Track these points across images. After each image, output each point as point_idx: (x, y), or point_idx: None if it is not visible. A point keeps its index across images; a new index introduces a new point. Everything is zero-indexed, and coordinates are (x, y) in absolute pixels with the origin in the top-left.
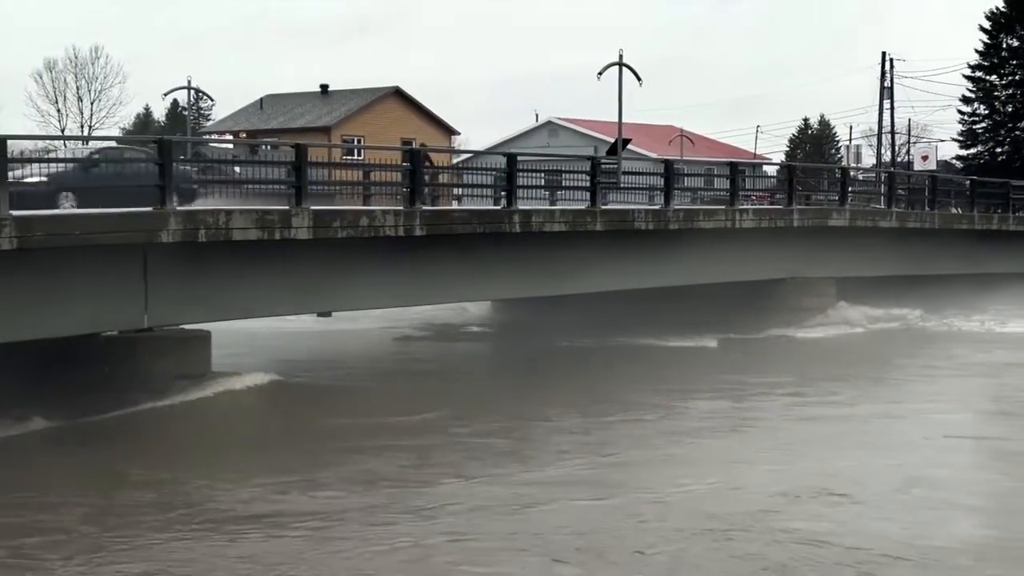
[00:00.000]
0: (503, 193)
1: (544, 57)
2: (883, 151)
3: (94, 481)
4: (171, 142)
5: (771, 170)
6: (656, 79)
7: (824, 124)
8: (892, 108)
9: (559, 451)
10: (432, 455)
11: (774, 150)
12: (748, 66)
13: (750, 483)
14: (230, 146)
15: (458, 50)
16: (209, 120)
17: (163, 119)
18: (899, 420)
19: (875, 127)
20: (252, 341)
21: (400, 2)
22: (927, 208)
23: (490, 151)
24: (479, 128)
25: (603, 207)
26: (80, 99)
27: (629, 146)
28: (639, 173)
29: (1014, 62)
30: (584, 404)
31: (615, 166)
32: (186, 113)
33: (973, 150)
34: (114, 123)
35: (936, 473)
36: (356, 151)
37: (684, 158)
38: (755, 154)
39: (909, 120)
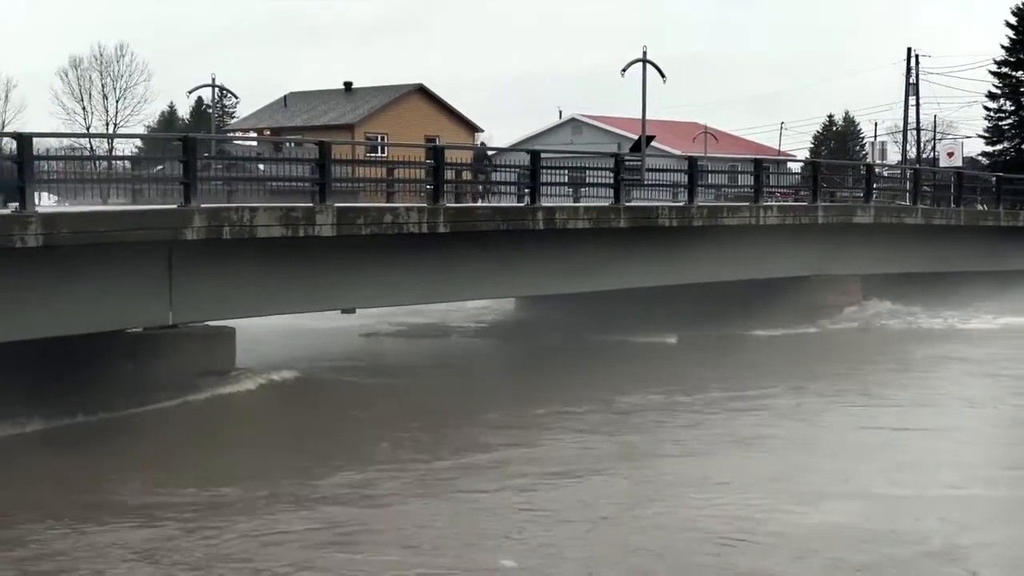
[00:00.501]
0: (527, 190)
1: (567, 55)
2: (908, 148)
3: (38, 480)
4: (195, 139)
5: (795, 167)
6: (680, 76)
7: (849, 121)
8: (917, 104)
9: (480, 444)
10: (356, 448)
11: (798, 147)
12: (772, 62)
13: (641, 474)
14: (254, 143)
15: (480, 48)
16: (233, 118)
17: (188, 117)
18: (817, 413)
19: (900, 123)
20: (261, 338)
21: (422, 0)
22: (953, 205)
23: (514, 148)
24: (502, 125)
25: (627, 204)
26: (105, 97)
27: (653, 143)
28: (663, 170)
29: None
30: (533, 399)
31: (639, 163)
32: (211, 111)
33: (999, 146)
34: (139, 121)
35: (827, 463)
36: (380, 148)
37: (708, 155)
38: (779, 151)
39: (935, 116)
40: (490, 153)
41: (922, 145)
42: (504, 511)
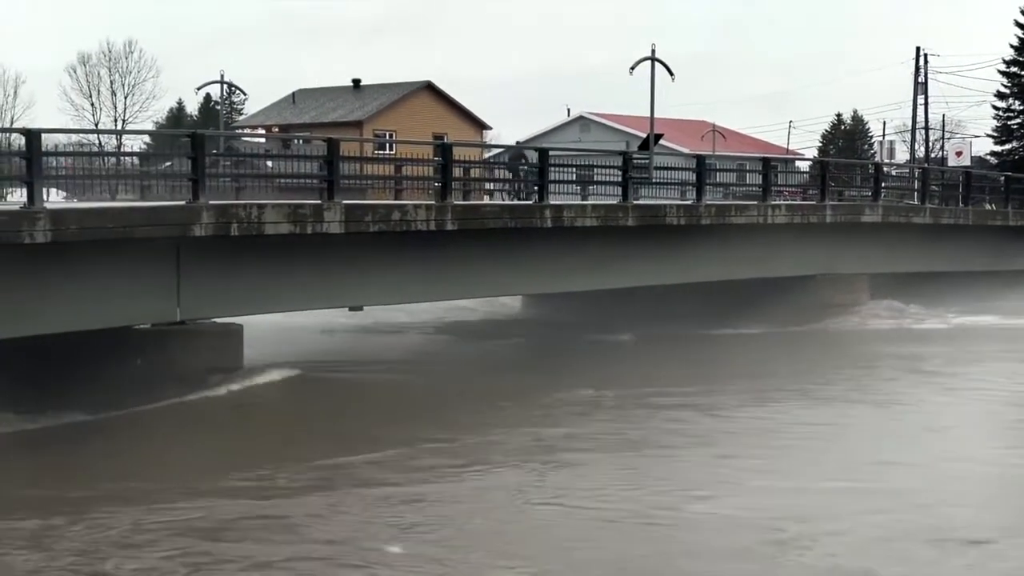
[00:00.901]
0: (535, 188)
1: (576, 53)
2: (917, 147)
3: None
4: (204, 136)
5: (804, 166)
6: (688, 74)
7: (857, 120)
8: (926, 104)
9: (400, 438)
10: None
11: (807, 146)
12: (775, 62)
13: (546, 466)
14: (263, 140)
15: (479, 48)
16: (242, 114)
17: (196, 113)
18: (742, 409)
19: (909, 123)
20: (265, 336)
21: (421, 1)
22: (961, 204)
23: (522, 146)
24: (510, 123)
25: (635, 202)
26: (114, 93)
27: (661, 141)
28: (671, 168)
29: None
30: (473, 395)
31: (647, 161)
32: (219, 108)
33: (1008, 146)
34: (147, 117)
35: (751, 451)
36: (388, 145)
37: (716, 153)
38: (788, 149)
39: (943, 116)
40: (496, 151)
41: (930, 144)
42: (402, 501)
